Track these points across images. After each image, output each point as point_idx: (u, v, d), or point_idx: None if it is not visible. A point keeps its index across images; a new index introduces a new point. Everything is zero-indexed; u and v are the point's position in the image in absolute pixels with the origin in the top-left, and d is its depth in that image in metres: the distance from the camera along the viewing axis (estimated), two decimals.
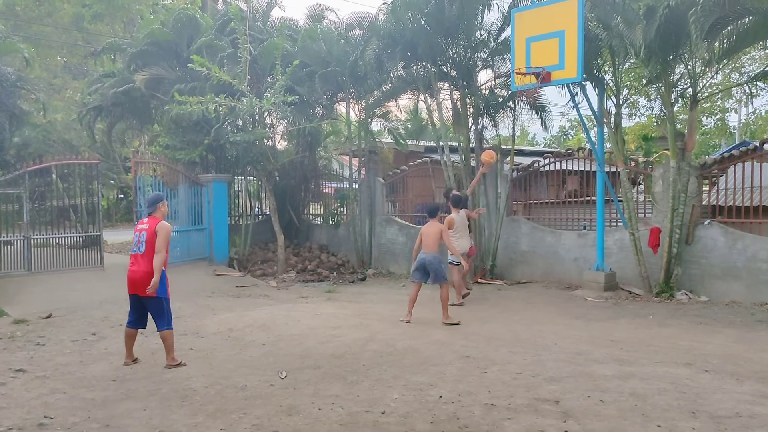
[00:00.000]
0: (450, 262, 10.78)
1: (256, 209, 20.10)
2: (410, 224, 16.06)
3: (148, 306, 6.91)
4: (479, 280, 13.71)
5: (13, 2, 25.86)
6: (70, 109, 23.47)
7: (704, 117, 26.18)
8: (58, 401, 5.66)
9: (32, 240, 13.38)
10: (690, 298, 10.98)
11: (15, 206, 14.23)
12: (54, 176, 17.14)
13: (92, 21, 25.61)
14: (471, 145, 14.37)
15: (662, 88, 11.46)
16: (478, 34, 14.02)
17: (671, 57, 11.00)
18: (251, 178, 19.26)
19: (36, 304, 10.81)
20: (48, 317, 9.73)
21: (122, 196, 32.22)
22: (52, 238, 14.30)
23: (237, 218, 18.63)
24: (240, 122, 16.50)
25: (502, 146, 14.79)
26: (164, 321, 6.86)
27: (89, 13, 25.38)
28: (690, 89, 11.33)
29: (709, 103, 23.86)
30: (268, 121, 16.73)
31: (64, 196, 17.87)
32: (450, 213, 11.01)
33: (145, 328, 7.10)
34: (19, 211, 13.61)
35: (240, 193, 19.37)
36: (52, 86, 25.43)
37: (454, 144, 14.97)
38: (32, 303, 10.98)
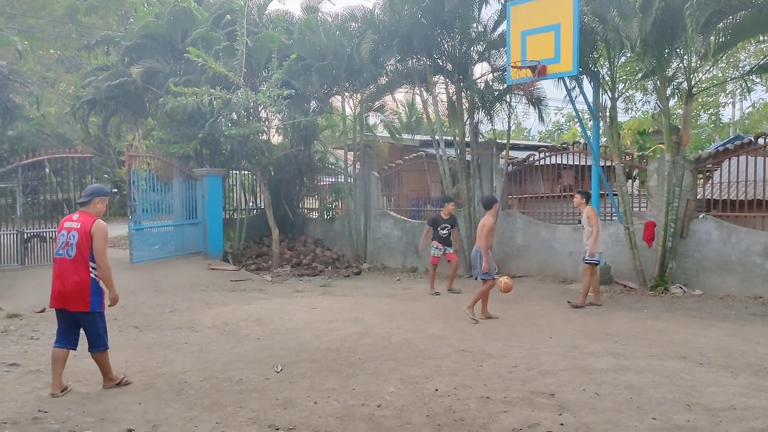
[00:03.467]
0: (586, 262, 10.11)
1: (251, 203, 20.03)
2: (405, 218, 16.05)
3: (80, 322, 5.72)
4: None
5: None
6: (64, 102, 23.36)
7: (701, 112, 26.24)
8: (52, 395, 5.62)
9: (25, 234, 13.32)
10: (684, 291, 11.01)
11: (8, 200, 14.17)
12: (47, 170, 17.06)
13: (87, 13, 25.45)
14: (466, 139, 14.35)
15: (658, 82, 11.46)
16: (474, 27, 13.98)
17: (667, 51, 11.00)
18: (246, 172, 19.20)
19: (29, 298, 10.77)
20: (42, 311, 9.69)
21: (116, 190, 32.10)
22: (46, 232, 14.24)
23: (231, 212, 18.57)
24: (235, 116, 16.44)
25: (498, 140, 14.75)
26: (100, 340, 5.74)
27: (84, 5, 25.23)
28: (685, 83, 11.34)
29: (712, 97, 23.91)
30: (263, 114, 16.67)
31: (57, 190, 17.78)
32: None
33: (75, 348, 5.84)
34: (13, 205, 13.55)
35: (234, 187, 19.31)
36: (45, 79, 25.34)
37: (449, 138, 14.94)
38: (25, 297, 10.94)
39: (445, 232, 11.93)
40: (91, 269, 5.67)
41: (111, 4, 25.62)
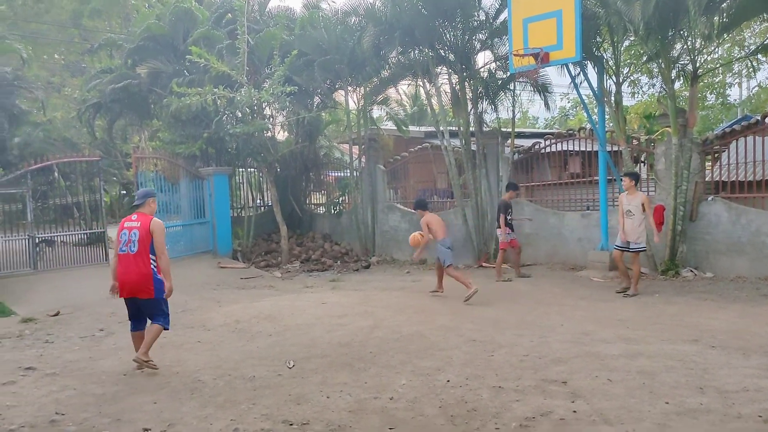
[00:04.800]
0: (633, 250, 9.87)
1: (258, 201, 20.09)
2: (413, 210, 16.02)
3: (145, 308, 6.48)
4: (483, 264, 13.73)
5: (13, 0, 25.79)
6: (70, 106, 23.47)
7: (708, 93, 26.00)
8: (68, 398, 5.69)
9: (36, 238, 13.41)
10: (695, 274, 10.97)
11: (18, 205, 14.26)
12: (56, 174, 17.16)
13: (91, 17, 25.54)
14: (471, 128, 14.32)
15: (662, 65, 11.39)
16: (476, 16, 13.90)
17: (670, 33, 10.93)
18: (252, 169, 19.25)
19: (43, 303, 10.85)
20: (56, 315, 9.77)
21: (124, 192, 32.26)
22: (57, 236, 14.32)
23: (239, 210, 18.63)
24: (239, 114, 16.47)
25: (503, 129, 14.71)
26: (163, 319, 6.49)
27: (87, 9, 25.32)
28: (690, 65, 11.26)
29: (718, 78, 23.68)
30: (267, 112, 16.68)
31: (66, 193, 17.88)
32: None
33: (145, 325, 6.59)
34: (23, 210, 13.64)
35: (241, 185, 19.37)
36: (51, 84, 25.42)
37: (454, 128, 14.91)
38: (39, 301, 11.02)
39: (512, 217, 12.21)
40: (151, 261, 6.37)
41: (114, 7, 25.71)
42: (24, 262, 13.25)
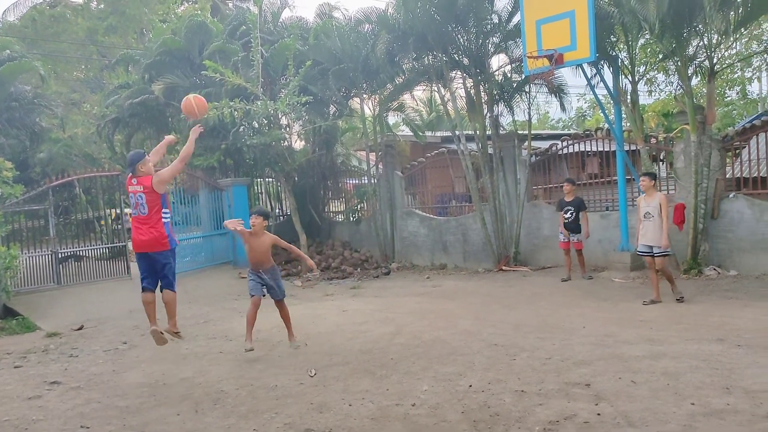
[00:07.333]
0: (658, 255, 9.15)
1: (277, 210, 20.20)
2: (431, 216, 16.04)
3: (158, 260, 6.82)
4: (503, 268, 13.66)
5: (31, 18, 26.20)
6: (89, 122, 23.77)
7: (727, 89, 25.72)
8: (93, 411, 5.75)
9: (60, 254, 13.60)
10: (719, 273, 10.83)
11: (41, 221, 14.47)
12: (77, 190, 17.40)
13: (106, 33, 25.90)
14: (487, 132, 14.29)
15: (678, 63, 11.28)
16: (489, 19, 13.87)
17: (686, 30, 10.83)
18: (270, 179, 19.36)
19: (67, 317, 11.00)
20: (80, 329, 9.89)
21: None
22: (79, 251, 14.51)
23: None
24: (256, 125, 16.58)
25: (519, 131, 14.66)
26: (170, 276, 6.90)
27: (102, 26, 25.67)
28: (707, 61, 11.14)
29: (737, 73, 23.44)
30: (283, 121, 16.78)
31: (88, 208, 18.11)
32: None
33: (157, 287, 6.97)
34: (46, 226, 13.84)
35: (260, 195, 19.48)
36: (71, 101, 25.79)
37: (470, 133, 14.88)
38: (63, 316, 11.17)
39: (568, 216, 11.57)
40: (163, 218, 6.72)
41: (129, 23, 26.03)
42: (48, 278, 13.44)
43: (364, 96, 16.42)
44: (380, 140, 16.74)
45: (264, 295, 7.55)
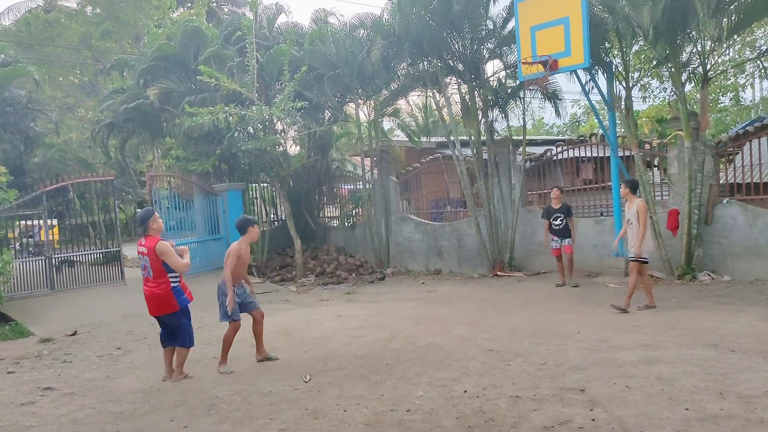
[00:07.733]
0: (632, 260, 9.18)
1: (272, 215, 20.17)
2: (426, 221, 16.04)
3: (168, 323, 6.87)
4: (498, 273, 13.67)
5: (26, 22, 26.14)
6: (84, 127, 23.73)
7: (721, 95, 25.80)
8: (87, 417, 5.72)
9: (54, 259, 13.54)
10: (713, 278, 10.86)
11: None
12: (71, 195, 17.34)
13: (101, 38, 25.85)
14: (482, 137, 14.32)
15: (672, 69, 11.34)
16: (484, 26, 13.91)
17: (679, 37, 10.89)
18: (265, 184, 19.33)
19: (61, 322, 10.95)
20: (73, 334, 9.85)
21: (139, 210, 32.62)
22: (73, 255, 14.46)
23: None
24: (251, 130, 16.57)
25: (514, 137, 14.69)
26: (185, 335, 6.85)
27: (98, 31, 25.64)
28: (700, 68, 11.20)
29: (731, 80, 23.53)
30: (278, 127, 16.78)
31: (82, 213, 18.05)
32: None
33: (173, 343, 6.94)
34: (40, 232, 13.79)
35: (255, 200, 19.45)
36: (66, 106, 25.73)
37: (465, 138, 14.92)
38: (57, 321, 11.12)
39: (558, 222, 11.74)
40: (170, 279, 6.64)
41: (124, 28, 25.98)
42: (41, 283, 13.39)
43: (360, 101, 16.44)
44: (375, 145, 16.76)
45: None
